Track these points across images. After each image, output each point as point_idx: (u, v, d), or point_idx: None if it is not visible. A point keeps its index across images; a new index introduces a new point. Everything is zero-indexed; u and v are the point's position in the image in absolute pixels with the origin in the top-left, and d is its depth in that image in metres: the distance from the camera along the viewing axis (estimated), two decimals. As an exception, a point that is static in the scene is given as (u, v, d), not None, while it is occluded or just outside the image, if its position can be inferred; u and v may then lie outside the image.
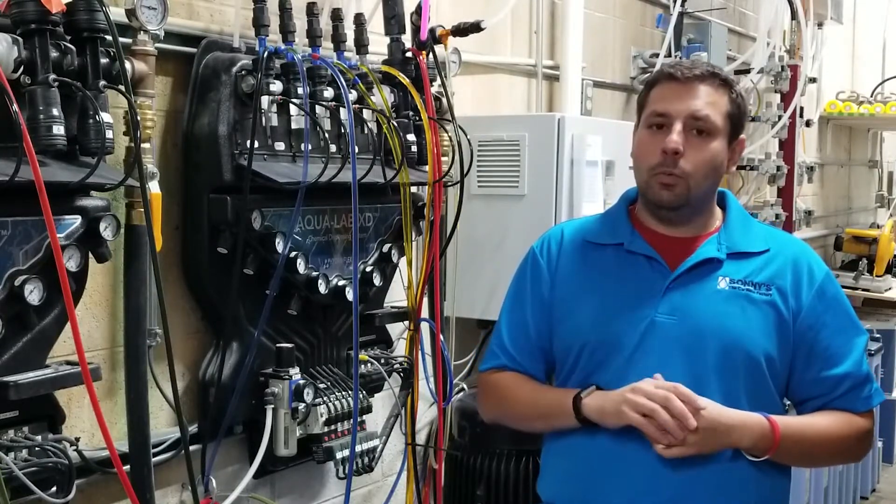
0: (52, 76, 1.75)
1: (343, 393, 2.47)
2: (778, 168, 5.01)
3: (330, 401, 2.42)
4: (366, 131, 2.49)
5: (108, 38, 1.86)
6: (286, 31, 2.34)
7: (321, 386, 2.43)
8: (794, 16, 4.77)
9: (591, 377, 1.87)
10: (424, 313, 2.76)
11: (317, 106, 2.36)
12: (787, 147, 5.09)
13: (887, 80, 6.92)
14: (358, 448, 2.47)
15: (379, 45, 2.68)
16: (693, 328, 1.83)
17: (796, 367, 1.87)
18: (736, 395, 1.82)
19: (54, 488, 1.85)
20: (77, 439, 1.96)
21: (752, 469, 1.82)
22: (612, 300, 1.89)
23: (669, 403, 1.73)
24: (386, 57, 2.69)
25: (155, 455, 2.14)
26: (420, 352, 2.75)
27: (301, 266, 2.32)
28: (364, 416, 2.57)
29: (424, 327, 2.77)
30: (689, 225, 1.90)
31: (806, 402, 1.90)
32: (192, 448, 2.15)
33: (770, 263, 1.87)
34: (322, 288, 2.39)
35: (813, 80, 5.41)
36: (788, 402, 1.96)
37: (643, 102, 1.90)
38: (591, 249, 1.96)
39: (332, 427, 2.42)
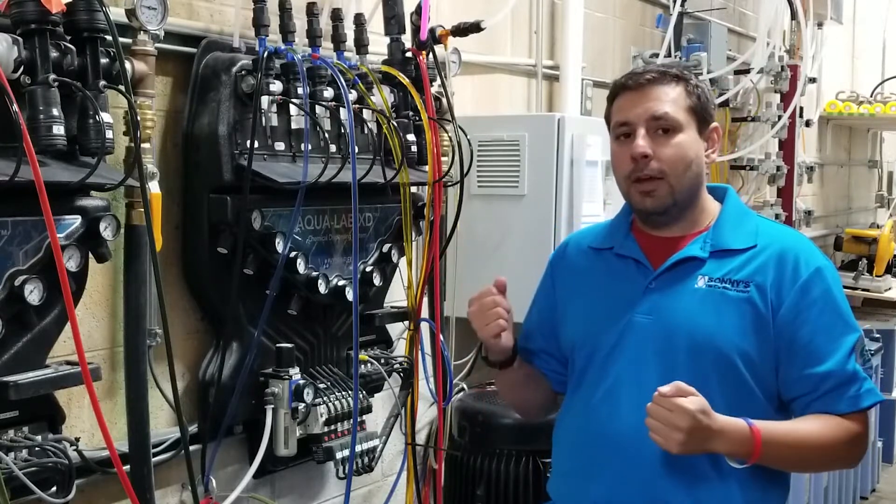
0: (52, 76, 1.75)
1: (343, 393, 2.47)
2: (778, 168, 5.02)
3: (330, 401, 2.42)
4: (366, 131, 2.49)
5: (108, 38, 1.86)
6: (286, 31, 2.34)
7: (321, 386, 2.43)
8: (794, 16, 4.77)
9: (582, 377, 1.93)
10: (424, 313, 2.76)
11: (317, 106, 2.36)
12: (787, 147, 5.10)
13: (887, 80, 6.92)
14: (358, 448, 2.47)
15: (379, 45, 2.68)
16: (665, 327, 1.84)
17: (780, 364, 1.84)
18: (709, 394, 1.78)
19: (54, 488, 1.85)
20: (77, 439, 1.96)
21: (743, 473, 1.81)
22: (598, 302, 1.94)
23: None
24: (386, 57, 2.69)
25: (155, 455, 2.14)
26: (420, 352, 2.75)
27: (301, 266, 2.32)
28: (364, 416, 2.57)
29: (424, 327, 2.77)
30: (679, 224, 1.91)
31: (793, 401, 1.87)
32: (192, 448, 2.15)
33: (753, 260, 1.86)
34: (322, 288, 2.38)
35: (813, 80, 5.41)
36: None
37: (608, 117, 1.93)
38: (592, 254, 2.01)
39: (332, 427, 2.42)
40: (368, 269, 2.57)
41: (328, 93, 2.37)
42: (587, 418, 1.90)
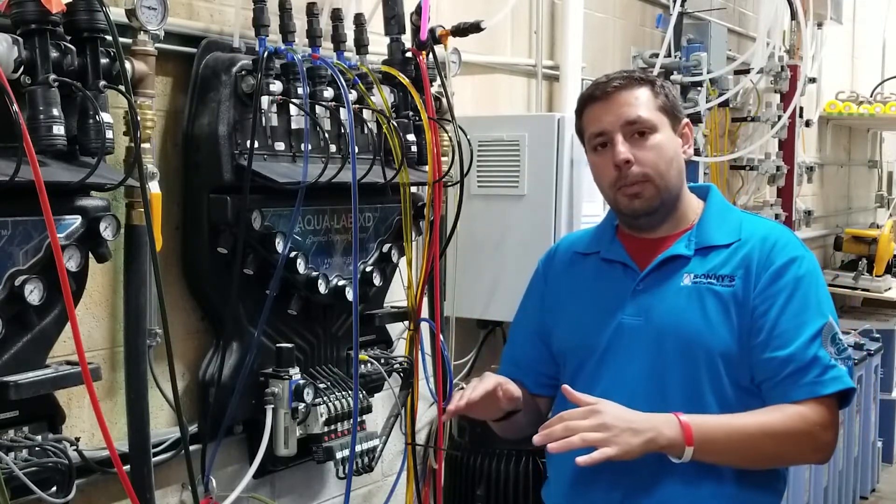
0: (52, 76, 1.75)
1: (343, 393, 2.47)
2: (778, 168, 5.02)
3: (330, 401, 2.42)
4: (366, 131, 2.49)
5: (108, 38, 1.86)
6: (286, 31, 2.34)
7: (321, 386, 2.43)
8: (793, 16, 4.77)
9: (574, 382, 1.88)
10: (424, 313, 2.76)
11: (317, 106, 2.36)
12: (787, 147, 5.10)
13: (887, 80, 6.92)
14: (358, 448, 2.47)
15: (379, 45, 2.68)
16: (654, 327, 1.84)
17: (752, 350, 1.81)
18: (699, 391, 1.81)
19: (54, 488, 1.85)
20: (77, 439, 1.96)
21: (746, 478, 1.82)
22: (587, 307, 1.94)
23: None
24: (386, 57, 2.69)
25: (155, 455, 2.14)
26: (420, 352, 2.75)
27: (301, 266, 2.32)
28: (364, 416, 2.57)
29: (424, 327, 2.77)
30: (665, 225, 1.91)
31: (759, 386, 1.83)
32: (192, 448, 2.15)
33: (737, 253, 1.86)
34: (322, 288, 2.39)
35: (813, 80, 5.41)
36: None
37: (580, 130, 1.94)
38: (578, 260, 2.01)
39: (332, 427, 2.42)
40: (368, 269, 2.57)
41: (328, 93, 2.37)
42: None
